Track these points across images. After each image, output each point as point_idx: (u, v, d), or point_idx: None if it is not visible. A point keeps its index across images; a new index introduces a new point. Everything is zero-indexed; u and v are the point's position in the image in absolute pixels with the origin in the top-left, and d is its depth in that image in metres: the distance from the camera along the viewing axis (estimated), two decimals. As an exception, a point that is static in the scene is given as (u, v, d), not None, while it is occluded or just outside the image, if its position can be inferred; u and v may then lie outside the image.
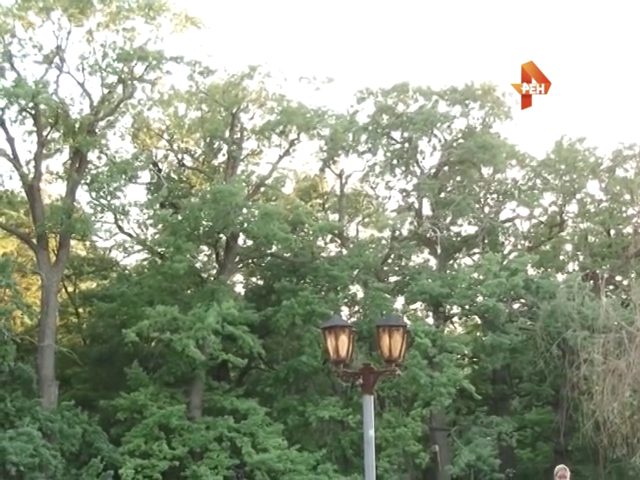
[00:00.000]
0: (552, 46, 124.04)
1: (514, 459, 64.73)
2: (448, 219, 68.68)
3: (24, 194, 63.14)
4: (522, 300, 66.15)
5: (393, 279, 68.51)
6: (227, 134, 65.99)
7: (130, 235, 68.27)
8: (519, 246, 70.93)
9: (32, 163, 62.40)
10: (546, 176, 69.27)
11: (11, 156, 61.84)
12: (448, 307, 66.20)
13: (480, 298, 63.20)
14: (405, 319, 55.86)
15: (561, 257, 71.85)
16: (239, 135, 66.30)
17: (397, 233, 68.93)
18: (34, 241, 62.29)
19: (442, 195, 67.88)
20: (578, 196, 70.00)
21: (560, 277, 68.56)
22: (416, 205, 69.21)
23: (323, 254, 66.92)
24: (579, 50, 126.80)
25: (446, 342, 62.02)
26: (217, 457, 57.96)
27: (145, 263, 69.30)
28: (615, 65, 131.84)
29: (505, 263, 64.07)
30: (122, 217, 66.39)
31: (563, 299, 60.72)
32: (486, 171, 69.32)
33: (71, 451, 57.53)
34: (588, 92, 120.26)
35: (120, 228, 67.31)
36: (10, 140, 61.70)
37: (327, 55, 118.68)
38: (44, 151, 62.97)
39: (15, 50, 60.81)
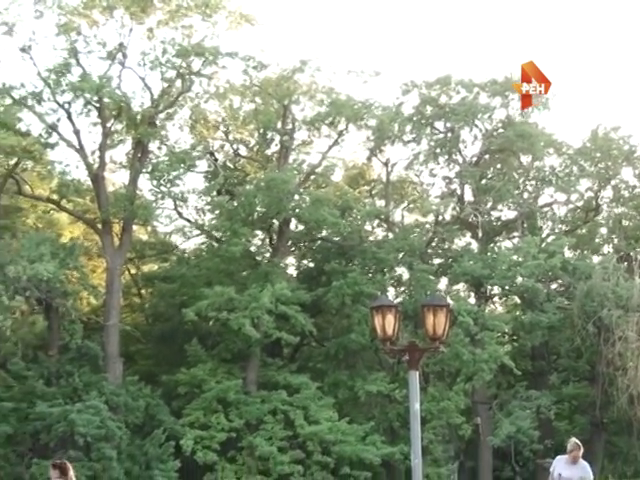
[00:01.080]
0: (577, 40, 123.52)
1: (552, 431, 64.35)
2: (489, 204, 68.47)
3: (90, 182, 63.32)
4: (559, 281, 65.88)
5: (437, 261, 68.35)
6: (279, 125, 65.99)
7: (189, 220, 68.64)
8: (556, 230, 70.60)
9: (97, 153, 62.67)
10: (582, 163, 68.96)
11: (77, 147, 62.17)
12: (489, 287, 66.25)
13: (519, 279, 63.16)
14: (448, 299, 55.38)
15: (596, 240, 71.60)
16: (291, 126, 66.29)
17: (440, 218, 68.77)
18: (99, 226, 62.56)
19: (483, 182, 67.66)
20: (613, 182, 69.79)
21: (596, 259, 68.29)
22: (458, 191, 69.06)
23: (370, 238, 66.88)
24: (613, 42, 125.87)
25: (487, 320, 61.92)
26: (271, 429, 58.13)
27: (203, 247, 69.52)
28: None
29: (543, 246, 63.91)
30: (181, 203, 66.78)
31: (598, 280, 60.65)
32: (525, 159, 69.07)
33: (135, 423, 57.88)
34: (622, 81, 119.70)
35: (179, 214, 67.59)
36: (76, 132, 62.02)
37: (374, 49, 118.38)
38: (108, 142, 63.17)
39: (81, 47, 61.08)
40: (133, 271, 70.31)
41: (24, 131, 61.49)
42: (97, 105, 61.38)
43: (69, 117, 61.74)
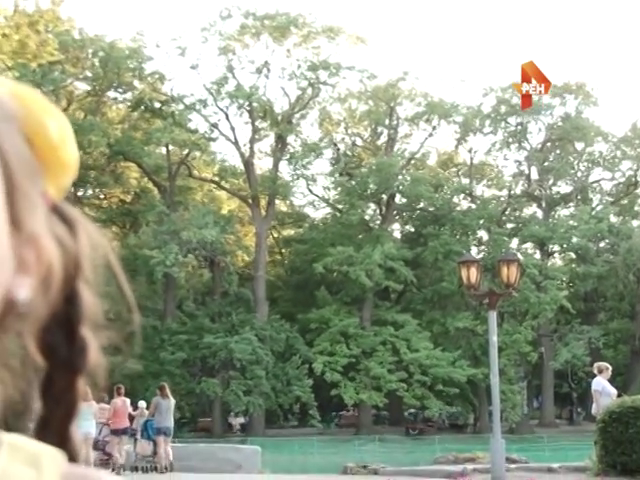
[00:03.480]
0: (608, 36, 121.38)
1: (601, 357, 63.85)
2: (550, 181, 68.05)
3: (242, 167, 64.18)
4: (606, 240, 65.28)
5: (509, 226, 67.95)
6: (387, 122, 66.30)
7: (317, 196, 69.22)
8: (604, 201, 69.80)
9: (248, 145, 63.67)
10: (624, 149, 68.15)
11: (233, 140, 63.18)
12: (550, 246, 65.88)
13: (575, 239, 63.06)
14: (518, 255, 55.54)
15: (636, 208, 70.67)
16: (395, 122, 66.52)
17: (512, 192, 68.64)
18: (250, 201, 63.24)
19: (546, 164, 67.24)
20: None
21: (635, 223, 67.55)
22: (526, 171, 68.76)
23: (457, 208, 66.60)
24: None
25: (549, 272, 61.68)
26: (382, 355, 58.47)
27: (328, 216, 69.72)
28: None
29: (593, 213, 63.48)
30: (312, 183, 67.52)
31: (638, 239, 60.23)
32: (579, 145, 68.42)
33: (278, 351, 58.52)
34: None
35: (310, 191, 68.47)
36: (232, 129, 63.15)
37: (459, 59, 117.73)
38: (256, 136, 64.06)
39: (235, 64, 62.21)
40: (275, 235, 70.87)
41: (193, 129, 62.67)
42: (248, 108, 62.28)
43: (227, 118, 62.93)
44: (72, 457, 0.91)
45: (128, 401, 22.25)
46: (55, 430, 0.93)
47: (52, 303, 0.91)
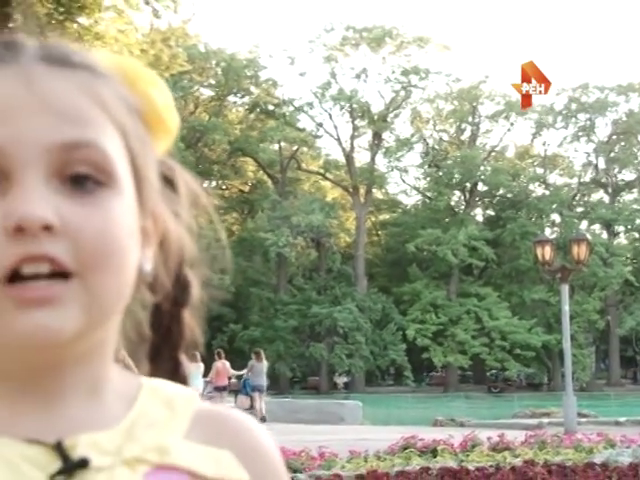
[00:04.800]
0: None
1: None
2: (616, 170, 66.85)
3: (344, 161, 64.28)
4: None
5: (579, 209, 66.97)
6: (470, 119, 65.81)
7: (409, 185, 69.00)
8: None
9: (348, 141, 63.70)
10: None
11: (336, 137, 63.48)
12: (616, 227, 64.90)
13: (638, 221, 62.09)
14: (587, 235, 54.96)
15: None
16: (478, 120, 65.99)
17: (582, 180, 67.54)
18: (350, 190, 63.41)
19: (612, 154, 66.00)
20: None
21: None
22: (594, 161, 67.57)
23: (533, 194, 65.91)
24: None
25: (615, 249, 60.79)
26: (466, 323, 58.27)
27: (419, 202, 69.55)
28: None
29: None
30: (404, 173, 67.45)
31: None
32: (642, 138, 67.27)
33: (376, 319, 58.63)
34: None
35: (403, 180, 68.56)
36: (335, 127, 63.52)
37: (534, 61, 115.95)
38: (355, 133, 64.10)
39: (337, 71, 62.41)
40: (373, 219, 70.83)
41: (301, 128, 63.02)
42: (349, 109, 62.36)
43: (330, 118, 63.18)
44: (183, 381, 0.92)
45: (228, 364, 22.84)
46: (167, 357, 0.96)
47: (171, 267, 0.93)
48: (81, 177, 0.80)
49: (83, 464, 0.79)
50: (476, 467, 10.01)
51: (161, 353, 0.96)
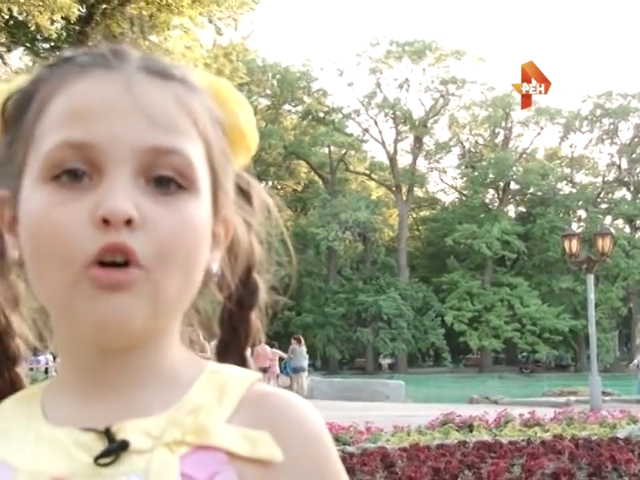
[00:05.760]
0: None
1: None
2: (638, 169, 65.98)
3: (388, 163, 64.16)
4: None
5: (603, 206, 66.23)
6: (503, 124, 65.23)
7: (447, 184, 68.81)
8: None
9: (392, 145, 63.56)
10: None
11: (380, 141, 63.51)
12: (638, 222, 64.05)
13: (658, 216, 61.30)
14: (611, 229, 54.40)
15: None
16: (510, 125, 65.39)
17: (606, 179, 66.80)
18: (393, 189, 63.29)
19: (634, 155, 65.12)
20: None
21: None
22: (617, 162, 66.76)
23: (561, 192, 65.30)
24: None
25: (637, 242, 60.02)
26: (499, 310, 57.88)
27: (456, 200, 69.25)
28: None
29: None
30: (443, 174, 67.46)
31: None
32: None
33: (417, 306, 58.49)
34: None
35: (442, 180, 68.34)
36: (380, 132, 63.57)
37: (561, 70, 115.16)
38: (398, 138, 63.97)
39: (382, 81, 62.66)
40: (414, 216, 70.68)
41: (349, 133, 63.06)
42: (392, 116, 62.21)
43: (375, 124, 63.16)
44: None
45: (268, 347, 23.01)
46: (234, 353, 0.96)
47: (238, 270, 0.94)
48: (165, 179, 0.81)
49: (123, 446, 0.80)
50: (509, 441, 9.97)
51: (229, 350, 0.96)
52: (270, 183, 65.19)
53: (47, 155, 0.80)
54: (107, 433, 0.81)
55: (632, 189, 65.87)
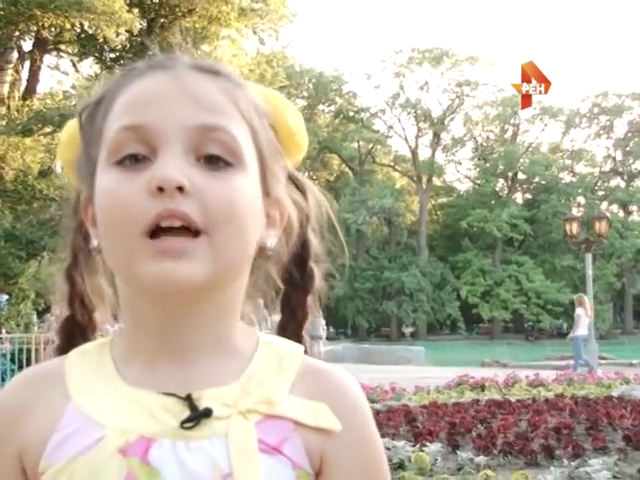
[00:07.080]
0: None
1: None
2: (631, 161, 65.25)
3: (410, 156, 63.77)
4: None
5: (600, 193, 65.44)
6: (511, 121, 64.68)
7: (462, 174, 68.32)
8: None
9: (413, 140, 63.10)
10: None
11: (403, 137, 63.02)
12: (630, 207, 63.54)
13: (649, 202, 60.60)
14: (607, 213, 53.61)
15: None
16: (518, 122, 64.73)
17: (602, 169, 66.11)
18: (415, 179, 62.97)
19: (627, 148, 64.42)
20: None
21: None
22: (612, 154, 66.04)
23: (562, 181, 64.63)
24: None
25: (629, 225, 59.49)
26: (508, 285, 57.50)
27: (470, 188, 68.73)
28: None
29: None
30: (458, 165, 66.91)
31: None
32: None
33: (435, 282, 58.18)
34: None
35: (457, 171, 67.87)
36: (403, 129, 63.30)
37: (562, 71, 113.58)
38: (419, 134, 63.44)
39: (405, 84, 61.61)
40: (433, 202, 70.35)
41: (376, 130, 62.77)
42: (414, 115, 61.75)
43: (399, 121, 62.69)
44: (304, 352, 0.92)
45: None
46: (291, 333, 0.96)
47: (291, 247, 0.94)
48: (214, 157, 0.81)
49: (207, 413, 0.80)
50: (516, 399, 10.01)
51: (287, 330, 0.96)
52: (306, 174, 64.98)
53: (110, 141, 0.82)
54: (189, 399, 0.81)
55: (626, 178, 65.35)
